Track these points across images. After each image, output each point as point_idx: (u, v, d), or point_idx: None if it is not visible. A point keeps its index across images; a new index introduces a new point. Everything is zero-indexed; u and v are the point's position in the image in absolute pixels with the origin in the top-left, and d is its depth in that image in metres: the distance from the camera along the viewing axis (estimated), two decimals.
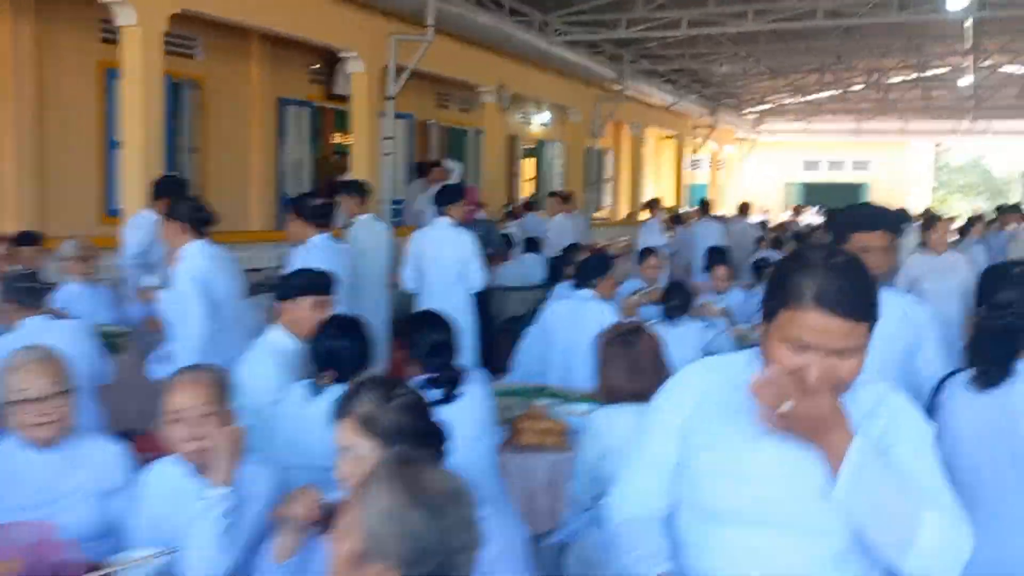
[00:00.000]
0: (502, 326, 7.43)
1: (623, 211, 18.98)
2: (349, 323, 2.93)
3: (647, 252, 6.07)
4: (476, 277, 5.79)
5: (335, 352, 2.83)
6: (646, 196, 22.09)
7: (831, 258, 1.52)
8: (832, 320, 1.45)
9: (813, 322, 1.46)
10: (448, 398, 2.78)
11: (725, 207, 23.24)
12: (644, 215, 13.66)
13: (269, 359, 3.11)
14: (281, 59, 10.04)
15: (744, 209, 14.01)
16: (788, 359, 1.49)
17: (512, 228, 10.51)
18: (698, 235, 11.37)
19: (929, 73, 16.97)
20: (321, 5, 8.20)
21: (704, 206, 13.62)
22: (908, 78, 17.19)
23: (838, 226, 2.83)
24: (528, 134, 16.14)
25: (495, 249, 8.02)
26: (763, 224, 14.88)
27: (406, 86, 9.54)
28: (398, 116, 10.62)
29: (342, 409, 1.96)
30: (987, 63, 16.23)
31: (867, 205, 3.45)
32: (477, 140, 13.32)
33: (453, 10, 9.31)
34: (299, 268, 3.70)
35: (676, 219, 13.10)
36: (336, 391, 2.61)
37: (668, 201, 20.91)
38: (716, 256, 6.66)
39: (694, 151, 20.50)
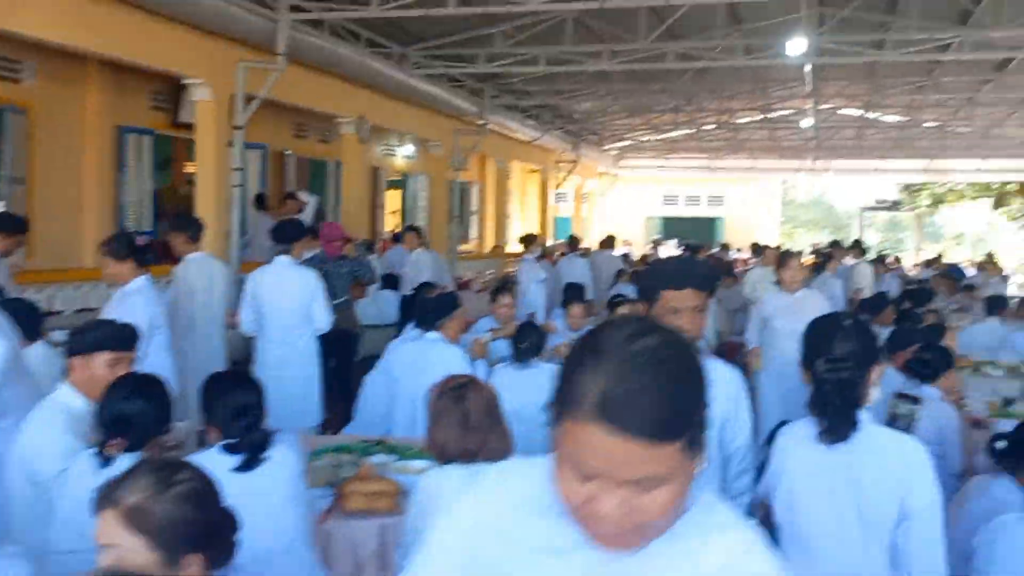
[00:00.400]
0: (358, 367, 7.14)
1: (489, 244, 18.98)
2: (144, 382, 2.61)
3: (500, 290, 5.93)
4: (321, 318, 5.50)
5: (126, 416, 2.50)
6: (512, 229, 22.33)
7: (632, 343, 1.07)
8: (619, 440, 1.02)
9: (597, 441, 1.03)
10: (249, 464, 2.51)
11: (589, 240, 23.72)
12: (519, 249, 13.64)
13: (55, 422, 2.74)
14: (122, 85, 9.45)
15: (608, 242, 14.23)
16: (571, 489, 1.08)
17: (373, 262, 10.23)
18: (563, 271, 11.44)
19: (774, 115, 17.93)
20: (164, 30, 7.73)
21: (572, 241, 13.81)
22: (755, 119, 18.07)
23: (645, 283, 2.59)
24: (392, 166, 15.93)
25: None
26: (625, 257, 15.13)
27: (261, 115, 9.14)
28: (251, 146, 10.19)
29: (104, 498, 1.67)
30: (826, 106, 17.30)
31: (679, 259, 3.27)
32: (337, 171, 12.98)
33: (306, 39, 9.03)
34: (98, 320, 3.31)
35: (541, 255, 13.15)
36: (127, 461, 2.30)
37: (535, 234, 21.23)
38: (572, 293, 6.62)
39: (558, 185, 20.79)
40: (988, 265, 13.67)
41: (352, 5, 8.87)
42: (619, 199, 26.32)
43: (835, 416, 2.31)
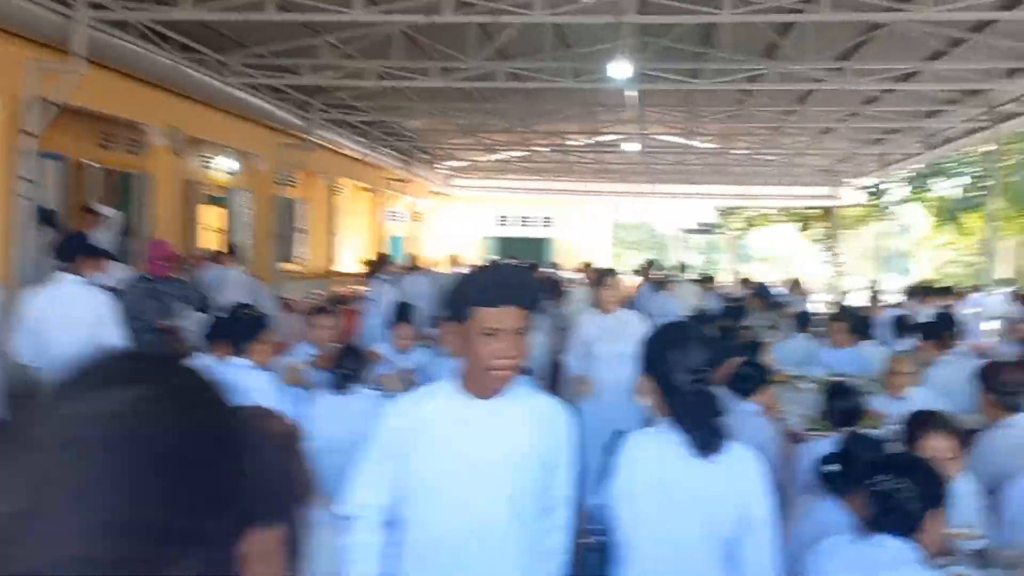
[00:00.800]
0: None
1: (318, 264, 18.32)
2: None
3: (320, 311, 5.57)
4: (114, 343, 4.93)
5: None
6: (342, 248, 21.72)
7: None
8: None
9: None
10: None
11: (424, 260, 23.47)
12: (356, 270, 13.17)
13: None
14: None
15: (452, 262, 14.22)
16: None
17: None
18: (405, 290, 11.12)
19: (603, 139, 18.48)
20: None
21: (411, 261, 13.62)
22: (585, 143, 18.54)
23: (454, 300, 2.16)
24: (212, 180, 15.02)
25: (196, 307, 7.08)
26: None
27: (60, 123, 8.29)
28: (46, 156, 9.23)
29: None
30: (649, 132, 18.00)
31: (493, 270, 2.73)
32: (147, 185, 12.03)
33: (110, 40, 8.29)
34: None
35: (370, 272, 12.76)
36: None
37: (367, 253, 20.72)
38: (401, 313, 6.34)
39: (390, 203, 20.44)
40: (795, 285, 14.59)
41: (160, 5, 8.23)
42: (453, 219, 26.29)
43: (705, 428, 2.25)
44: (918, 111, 13.63)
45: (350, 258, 21.10)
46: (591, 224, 29.16)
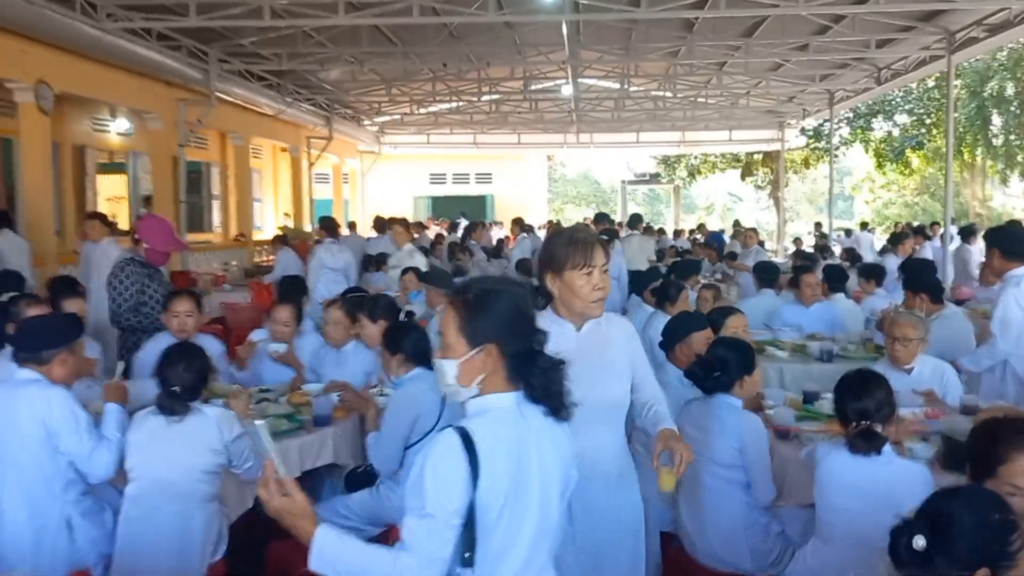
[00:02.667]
0: None
1: (232, 232, 16.90)
2: None
3: (175, 293, 4.38)
4: None
5: None
6: (266, 215, 20.25)
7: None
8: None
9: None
10: None
11: (359, 223, 22.18)
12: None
13: None
14: None
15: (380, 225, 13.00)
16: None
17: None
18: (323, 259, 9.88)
19: (536, 86, 17.32)
20: None
21: (327, 224, 12.30)
22: (517, 90, 17.30)
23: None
24: (104, 144, 13.48)
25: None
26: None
27: None
28: None
29: None
30: (586, 78, 16.88)
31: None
32: (16, 150, 10.50)
33: None
34: None
35: (282, 239, 11.52)
36: None
37: (288, 218, 19.33)
38: (285, 291, 5.17)
39: (312, 164, 18.98)
40: (743, 234, 13.69)
41: None
42: (384, 179, 24.87)
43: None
44: (869, 41, 12.74)
45: (272, 225, 19.69)
46: (531, 179, 28.03)
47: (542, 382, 1.93)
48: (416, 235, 16.43)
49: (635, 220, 12.74)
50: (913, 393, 3.96)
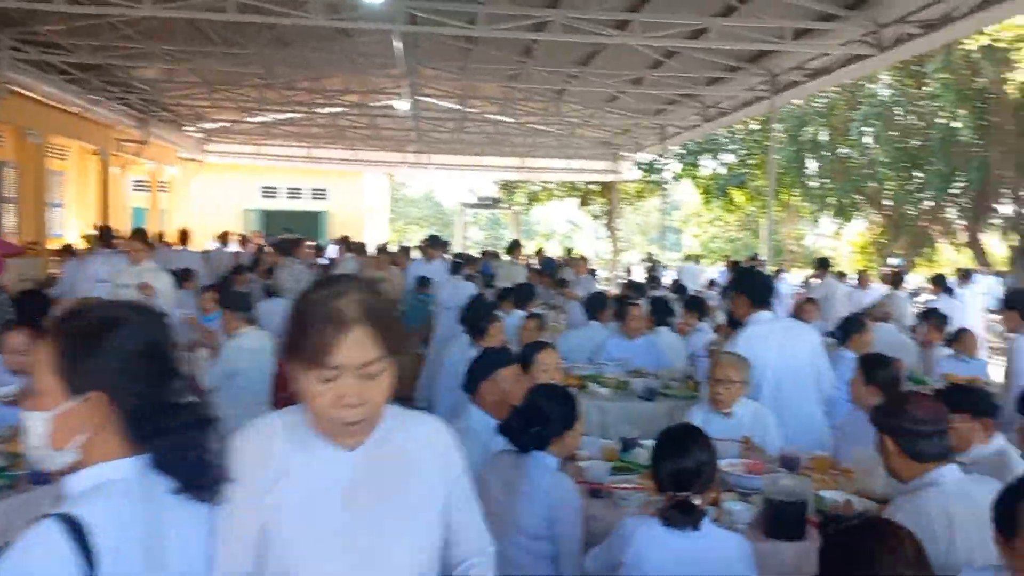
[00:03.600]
0: None
1: (27, 240, 15.14)
2: None
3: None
4: None
5: None
6: (63, 221, 18.41)
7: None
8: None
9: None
10: None
11: (173, 234, 20.66)
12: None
13: None
14: None
15: (223, 238, 12.06)
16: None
17: None
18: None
19: (375, 104, 16.73)
20: None
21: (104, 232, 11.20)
22: (353, 103, 16.63)
23: None
24: None
25: None
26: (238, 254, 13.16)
27: None
28: None
29: None
30: (424, 96, 16.47)
31: None
32: None
33: None
34: None
35: (68, 249, 10.30)
36: None
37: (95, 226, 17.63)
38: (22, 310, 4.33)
39: (123, 168, 17.44)
40: (573, 261, 13.59)
41: None
42: (210, 189, 23.37)
43: None
44: (699, 78, 13.06)
45: (75, 233, 17.91)
46: (370, 197, 27.25)
47: (175, 445, 1.43)
48: (241, 248, 15.39)
49: (513, 246, 12.47)
50: (731, 441, 3.70)
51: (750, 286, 4.46)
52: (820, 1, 9.15)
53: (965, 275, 11.78)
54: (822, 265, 11.07)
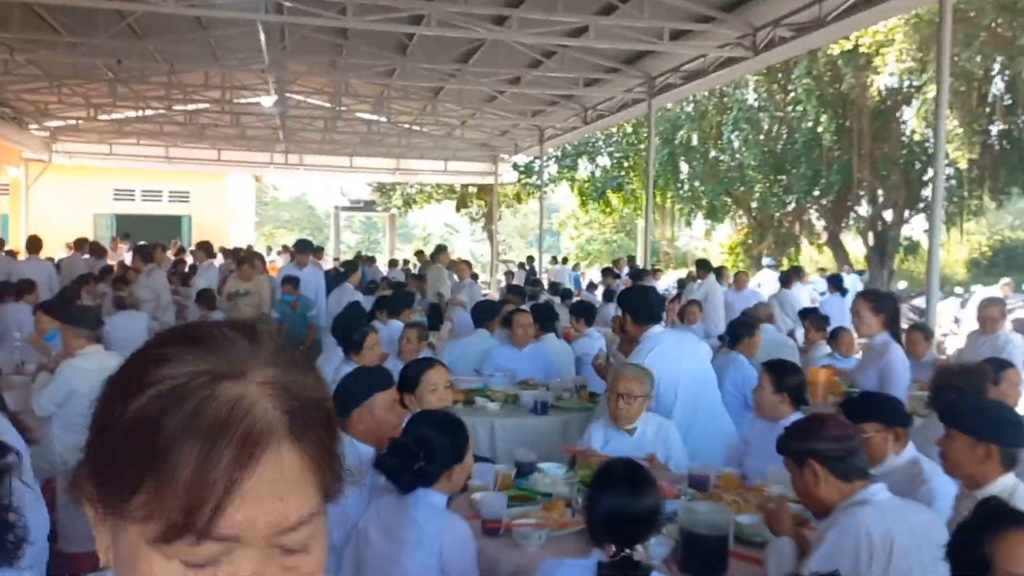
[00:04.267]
0: None
1: None
2: None
3: None
4: None
5: None
6: None
7: None
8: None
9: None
10: None
11: (15, 242, 18.98)
12: None
13: None
14: None
15: (80, 245, 10.99)
16: None
17: None
18: None
19: (239, 101, 15.79)
20: None
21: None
22: (214, 100, 15.62)
23: None
24: None
25: None
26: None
27: None
28: None
29: None
30: (294, 93, 15.69)
31: None
32: None
33: None
34: None
35: None
36: None
37: None
38: None
39: None
40: (456, 265, 13.17)
41: None
42: (56, 192, 21.56)
43: None
44: (578, 79, 12.94)
45: None
46: (235, 200, 25.93)
47: None
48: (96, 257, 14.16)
49: (438, 251, 11.90)
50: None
51: (637, 305, 4.20)
52: (697, 3, 9.14)
53: (835, 277, 12.13)
54: (703, 266, 11.10)
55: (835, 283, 11.37)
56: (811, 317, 7.34)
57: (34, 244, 11.44)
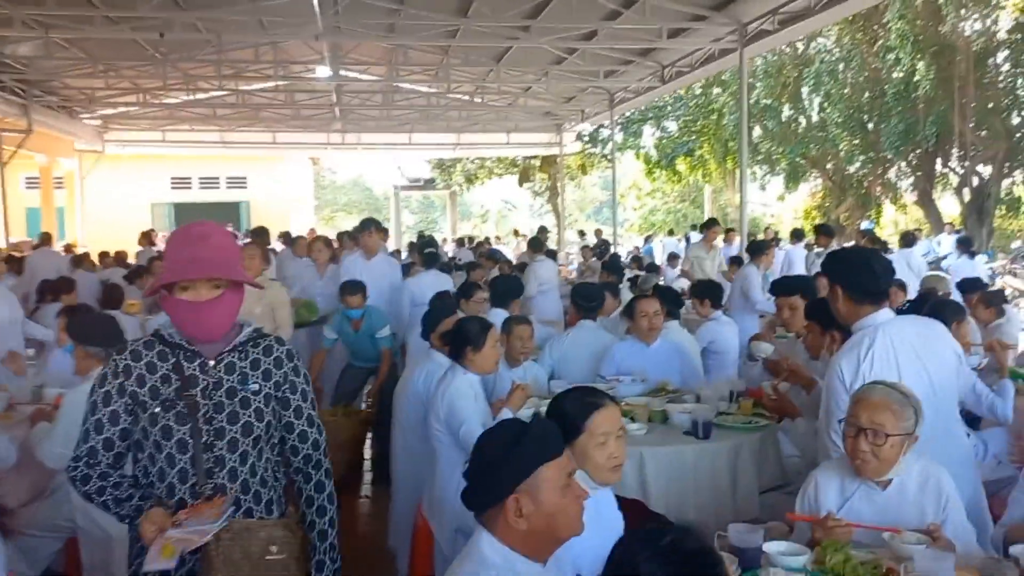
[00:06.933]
0: None
1: None
2: None
3: None
4: None
5: None
6: None
7: None
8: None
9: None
10: None
11: (74, 235, 18.58)
12: None
13: None
14: None
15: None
16: None
17: None
18: None
19: (293, 76, 14.89)
20: None
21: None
22: (267, 77, 14.73)
23: None
24: None
25: None
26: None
27: None
28: None
29: None
30: (348, 70, 14.75)
31: None
32: None
33: None
34: None
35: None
36: None
37: None
38: None
39: (5, 163, 15.24)
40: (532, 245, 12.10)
41: None
42: (112, 183, 21.10)
43: None
44: (661, 29, 11.65)
45: None
46: (293, 184, 25.24)
47: None
48: (141, 247, 13.49)
49: (708, 224, 10.27)
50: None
51: (855, 275, 2.92)
52: None
53: (965, 238, 10.76)
54: (824, 232, 9.88)
55: (964, 244, 10.01)
56: (981, 293, 6.03)
57: (79, 260, 10.64)
